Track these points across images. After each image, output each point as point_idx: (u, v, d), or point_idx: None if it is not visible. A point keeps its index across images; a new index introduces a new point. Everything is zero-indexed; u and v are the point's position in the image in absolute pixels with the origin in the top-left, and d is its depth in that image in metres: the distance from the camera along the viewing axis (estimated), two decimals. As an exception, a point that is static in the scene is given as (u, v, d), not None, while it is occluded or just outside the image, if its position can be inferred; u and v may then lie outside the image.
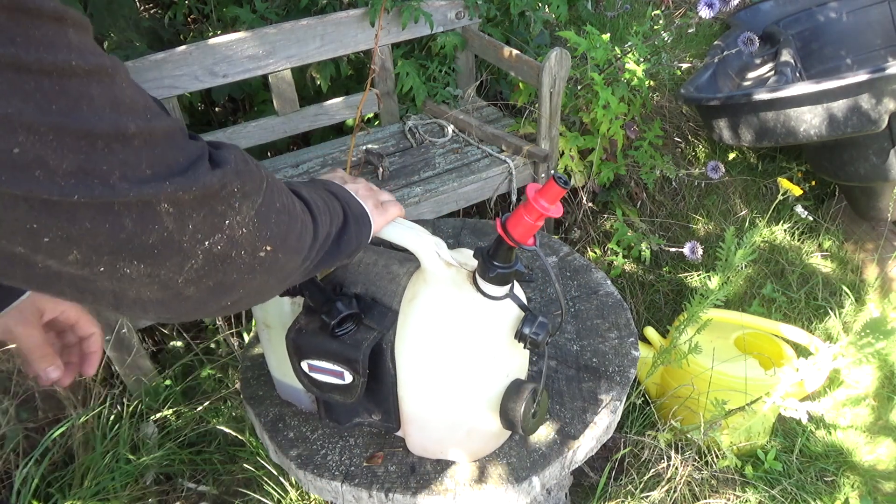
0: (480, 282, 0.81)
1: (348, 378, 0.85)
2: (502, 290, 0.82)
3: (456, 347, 0.84)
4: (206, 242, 0.49)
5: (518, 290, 0.89)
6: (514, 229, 0.75)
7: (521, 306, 0.85)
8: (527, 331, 0.81)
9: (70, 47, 0.40)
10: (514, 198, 2.12)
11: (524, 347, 0.83)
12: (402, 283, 0.88)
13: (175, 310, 0.52)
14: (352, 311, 0.84)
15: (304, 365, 0.87)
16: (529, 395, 0.87)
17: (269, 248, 0.55)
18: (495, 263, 0.79)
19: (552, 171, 0.74)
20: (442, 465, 0.95)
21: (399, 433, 0.98)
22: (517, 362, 0.91)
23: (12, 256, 0.41)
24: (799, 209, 2.31)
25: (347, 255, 0.72)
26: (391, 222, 0.83)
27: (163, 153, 0.45)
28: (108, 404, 1.63)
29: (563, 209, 2.39)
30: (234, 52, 1.82)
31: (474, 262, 0.83)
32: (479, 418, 0.91)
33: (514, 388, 0.88)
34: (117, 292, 0.47)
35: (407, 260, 0.89)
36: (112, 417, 1.63)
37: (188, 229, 0.47)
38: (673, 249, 2.21)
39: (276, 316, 0.95)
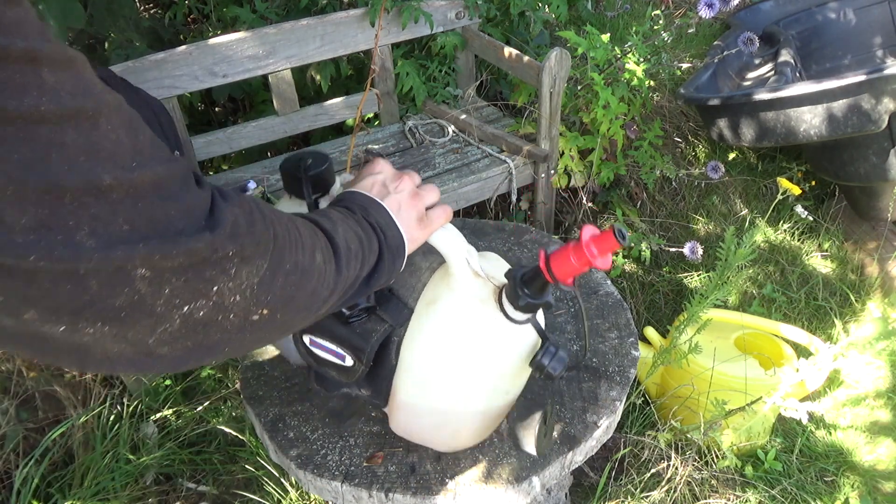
0: (506, 303, 0.79)
1: (349, 362, 0.84)
2: (525, 316, 0.80)
3: (465, 362, 0.83)
4: (186, 308, 0.43)
5: (539, 314, 0.87)
6: (557, 268, 0.72)
7: (541, 333, 0.83)
8: (545, 362, 0.79)
9: (43, 90, 0.36)
10: (513, 198, 2.12)
11: (538, 377, 0.81)
12: (422, 279, 0.86)
13: (146, 368, 0.46)
14: (369, 304, 0.82)
15: (306, 339, 0.86)
16: (540, 418, 0.87)
17: (266, 311, 0.49)
18: (526, 292, 0.76)
19: (613, 223, 0.71)
20: (442, 465, 0.95)
21: (385, 409, 0.98)
22: (520, 382, 0.91)
23: None
24: (799, 209, 2.31)
25: (373, 290, 0.67)
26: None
27: (148, 207, 0.40)
28: (108, 404, 1.63)
29: (564, 209, 2.39)
30: (234, 52, 1.82)
31: (501, 276, 0.81)
32: (467, 425, 0.91)
33: (525, 412, 0.88)
34: (81, 351, 0.42)
35: (430, 252, 0.86)
36: (112, 417, 1.63)
37: (164, 294, 0.42)
38: (673, 249, 2.21)
39: None
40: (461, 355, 0.83)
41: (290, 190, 0.88)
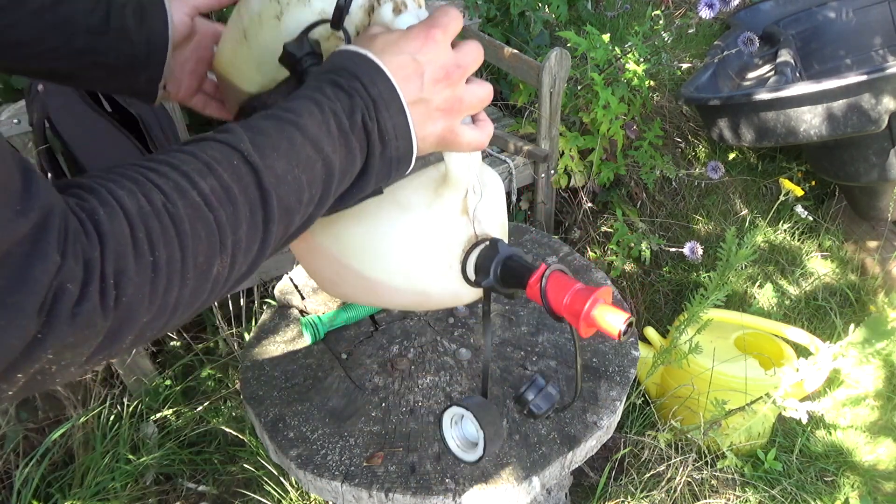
0: (471, 262, 0.69)
1: None
2: (478, 280, 0.70)
3: (389, 248, 0.69)
4: None
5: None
6: (552, 292, 0.63)
7: (486, 306, 0.73)
8: (530, 397, 0.72)
9: None
10: (514, 198, 2.12)
11: (520, 412, 0.72)
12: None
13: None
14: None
15: None
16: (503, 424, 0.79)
17: (105, 361, 0.41)
18: (498, 277, 0.67)
19: (629, 321, 0.61)
20: (442, 465, 0.95)
21: None
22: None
23: None
24: (799, 209, 2.31)
25: (346, 206, 0.55)
26: None
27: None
28: (108, 404, 1.63)
29: (564, 209, 2.39)
30: (234, 52, 1.82)
31: (491, 225, 0.70)
32: (355, 286, 0.76)
33: (490, 414, 0.80)
34: None
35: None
36: (112, 417, 1.63)
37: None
38: (673, 249, 2.21)
39: (244, 68, 0.67)
40: (394, 244, 0.70)
41: None
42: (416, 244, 0.68)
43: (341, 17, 0.55)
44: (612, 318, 0.61)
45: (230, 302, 1.82)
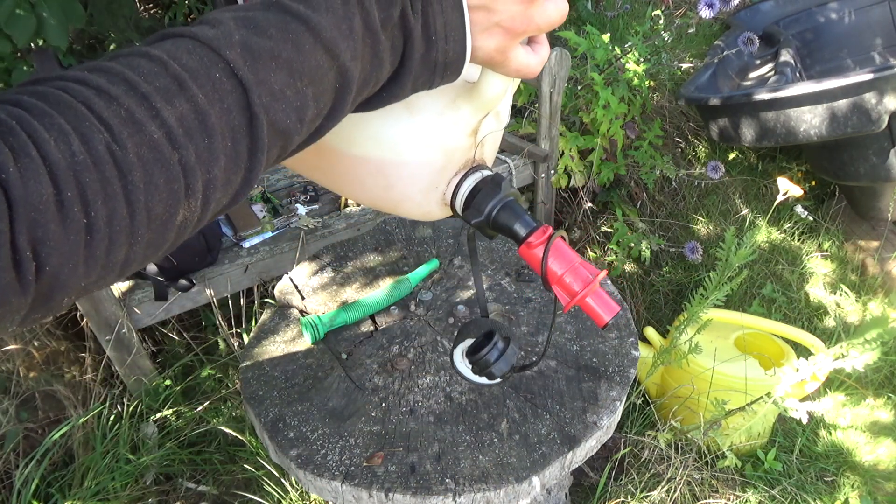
0: (462, 191, 0.63)
1: None
2: (468, 214, 0.64)
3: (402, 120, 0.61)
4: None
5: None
6: (552, 256, 0.59)
7: (471, 240, 0.68)
8: (490, 358, 0.68)
9: None
10: (514, 198, 2.12)
11: (476, 373, 0.70)
12: None
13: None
14: None
15: None
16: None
17: (43, 319, 0.36)
18: (492, 218, 0.61)
19: (623, 305, 0.57)
20: (442, 465, 0.95)
21: None
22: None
23: None
24: (799, 209, 2.31)
25: (369, 109, 0.46)
26: None
27: None
28: (108, 404, 1.64)
29: (564, 209, 2.39)
30: (234, 52, 1.82)
31: (487, 152, 0.64)
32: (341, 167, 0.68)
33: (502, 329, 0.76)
34: None
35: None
36: (112, 417, 1.63)
37: None
38: (673, 249, 2.21)
39: None
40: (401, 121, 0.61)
41: None
42: (411, 146, 0.61)
43: None
44: (603, 309, 0.58)
45: (230, 302, 1.82)
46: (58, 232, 0.31)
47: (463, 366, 0.81)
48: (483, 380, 0.78)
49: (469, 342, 0.79)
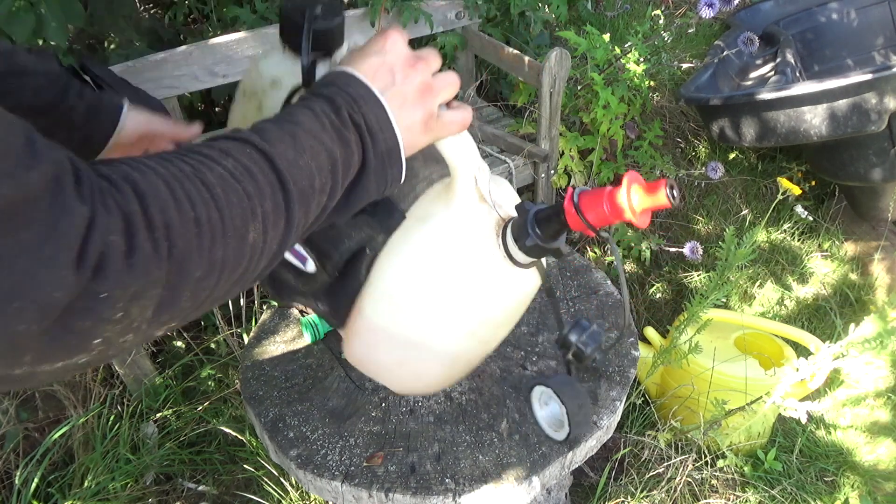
0: (510, 240, 0.67)
1: (311, 267, 0.73)
2: (528, 260, 0.68)
3: (448, 295, 0.71)
4: (59, 364, 0.36)
5: (544, 262, 0.73)
6: (587, 209, 0.61)
7: (545, 280, 0.72)
8: (573, 338, 0.70)
9: None
10: (514, 198, 2.12)
11: (565, 356, 0.72)
12: (417, 190, 0.73)
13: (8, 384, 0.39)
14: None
15: None
16: (585, 395, 0.79)
17: (171, 325, 0.42)
18: (537, 232, 0.64)
19: (668, 177, 0.60)
20: (442, 465, 0.95)
21: (341, 332, 0.86)
22: (502, 333, 0.80)
23: None
24: (799, 209, 2.31)
25: (354, 210, 0.56)
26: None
27: None
28: (108, 404, 1.63)
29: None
30: (235, 52, 1.82)
31: (510, 208, 0.69)
32: (433, 366, 0.80)
33: (578, 405, 0.80)
34: None
35: (433, 161, 0.72)
36: (112, 417, 1.63)
37: (22, 360, 0.34)
38: (673, 249, 2.21)
39: (257, 84, 0.74)
40: (446, 287, 0.71)
41: (286, 40, 0.69)
42: (451, 251, 0.68)
43: (310, 78, 0.64)
44: (653, 190, 0.58)
45: (230, 302, 1.82)
46: (177, 220, 0.39)
47: (540, 415, 0.83)
48: (558, 435, 0.83)
49: (539, 389, 0.81)
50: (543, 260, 0.74)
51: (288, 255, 0.73)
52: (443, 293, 0.71)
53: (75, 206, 0.35)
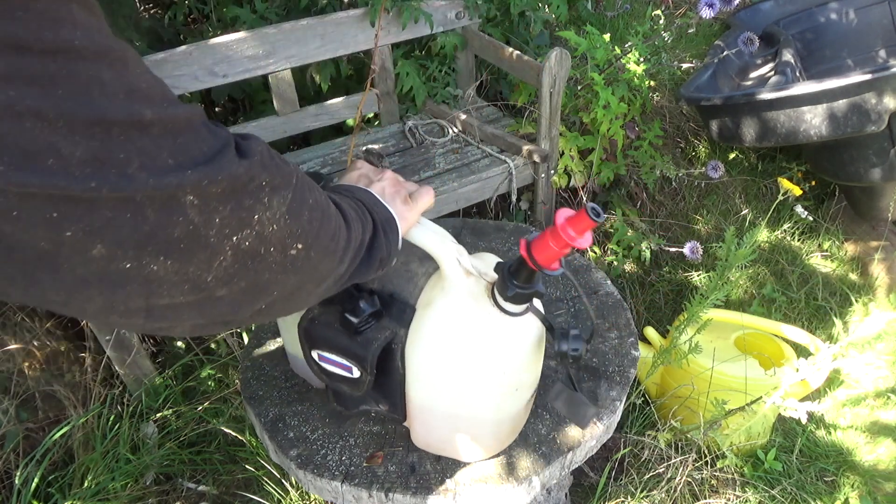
0: (498, 297, 0.79)
1: (356, 373, 0.85)
2: (521, 307, 0.80)
3: (468, 360, 0.83)
4: (235, 238, 0.46)
5: (537, 302, 0.86)
6: (539, 254, 0.72)
7: (543, 320, 0.83)
8: (565, 348, 0.78)
9: (76, 25, 0.37)
10: (514, 198, 2.12)
11: (568, 364, 0.80)
12: (419, 284, 0.87)
13: (209, 314, 0.49)
14: (375, 308, 0.83)
15: (315, 354, 0.87)
16: (581, 395, 0.85)
17: (300, 245, 0.52)
18: (514, 283, 0.76)
19: (586, 203, 0.70)
20: (442, 465, 0.95)
21: (405, 424, 0.99)
22: (530, 377, 0.90)
23: (37, 256, 0.39)
24: (799, 209, 2.31)
25: (380, 265, 0.68)
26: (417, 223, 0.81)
27: (185, 143, 0.42)
28: (108, 404, 1.63)
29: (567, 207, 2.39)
30: (234, 52, 1.82)
31: (494, 273, 0.81)
32: (484, 427, 0.91)
33: (567, 400, 0.85)
34: (148, 297, 0.44)
35: (427, 259, 0.87)
36: (112, 417, 1.63)
37: (215, 223, 0.44)
38: (673, 249, 2.21)
39: None
40: (462, 354, 0.82)
41: None
42: (455, 321, 0.82)
43: None
44: (580, 216, 0.67)
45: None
46: (344, 219, 0.61)
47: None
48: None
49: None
50: (539, 306, 0.87)
51: (337, 369, 0.86)
52: (462, 361, 0.83)
53: (221, 130, 0.47)
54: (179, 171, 0.41)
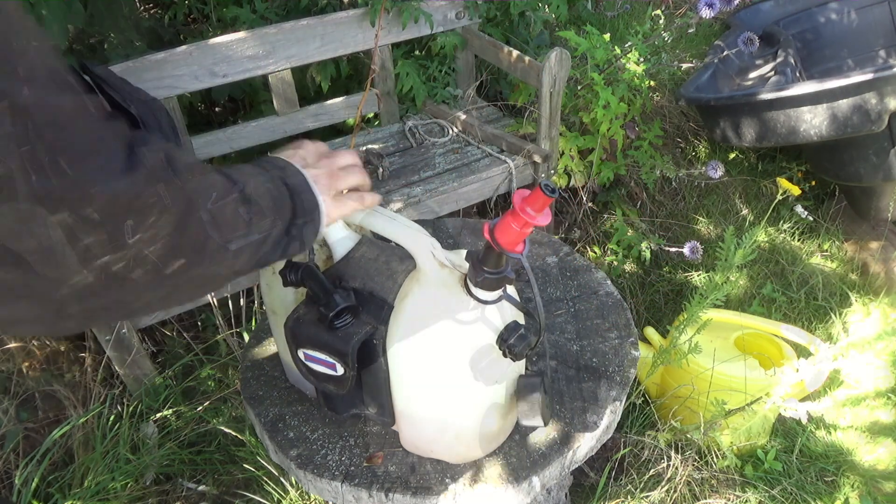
0: (471, 285, 0.80)
1: (340, 370, 0.85)
2: (493, 294, 0.81)
3: (441, 350, 0.83)
4: (103, 259, 0.40)
5: (512, 291, 0.87)
6: (501, 236, 0.73)
7: (518, 306, 0.84)
8: (505, 337, 0.81)
9: None
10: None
11: (504, 355, 0.82)
12: (398, 281, 0.87)
13: (53, 328, 0.44)
14: (349, 303, 0.84)
15: (301, 354, 0.88)
16: (541, 388, 0.87)
17: (182, 261, 0.47)
18: (484, 269, 0.77)
19: (540, 179, 0.71)
20: (442, 466, 0.95)
21: (395, 428, 0.98)
22: (509, 366, 0.90)
23: None
24: (799, 209, 2.31)
25: (291, 252, 0.66)
26: (386, 215, 0.80)
27: (67, 140, 0.36)
28: (108, 404, 1.63)
29: (564, 209, 2.39)
30: (235, 52, 1.82)
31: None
32: (467, 422, 0.91)
33: (526, 389, 0.88)
34: None
35: (407, 258, 0.88)
36: (112, 417, 1.63)
37: (80, 245, 0.38)
38: (673, 249, 2.21)
39: (279, 303, 0.96)
40: (438, 343, 0.83)
41: None
42: (430, 310, 0.82)
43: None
44: (535, 194, 0.69)
45: (230, 302, 1.82)
46: (248, 216, 0.56)
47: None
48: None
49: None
50: (514, 294, 0.88)
51: (322, 368, 0.87)
52: (437, 349, 0.83)
53: (111, 125, 0.43)
54: (46, 181, 0.36)
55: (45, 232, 0.36)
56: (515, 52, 1.98)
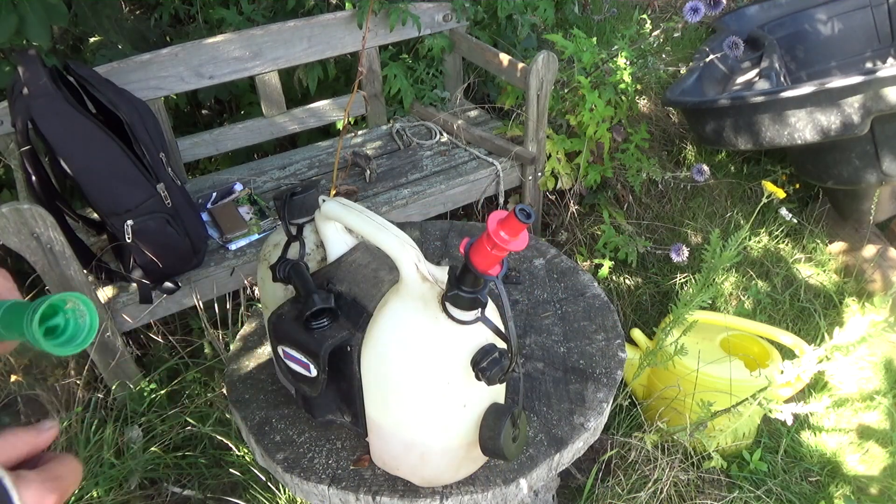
0: (448, 304, 0.77)
1: (313, 371, 0.85)
2: (469, 315, 0.78)
3: (410, 365, 0.81)
4: None
5: (493, 314, 0.83)
6: (475, 256, 0.71)
7: (495, 331, 0.80)
8: (478, 360, 0.78)
9: None
10: (501, 200, 2.12)
11: (477, 378, 0.78)
12: (382, 290, 0.86)
13: None
14: (327, 305, 0.83)
15: (280, 350, 0.87)
16: (508, 421, 0.83)
17: None
18: (460, 286, 0.74)
19: (517, 205, 0.70)
20: (429, 468, 0.95)
21: (367, 439, 0.96)
22: (479, 393, 0.85)
23: None
24: (783, 211, 2.33)
25: None
26: (377, 221, 0.79)
27: None
28: (91, 408, 1.62)
29: (551, 211, 2.40)
30: (221, 54, 1.81)
31: None
32: (433, 443, 0.87)
33: (492, 415, 0.85)
34: None
35: (395, 268, 0.85)
36: (96, 422, 1.61)
37: None
38: (659, 252, 2.22)
39: (270, 297, 0.97)
40: (407, 358, 0.80)
41: (280, 217, 0.95)
42: (404, 323, 0.80)
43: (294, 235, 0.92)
44: (510, 218, 0.67)
45: (216, 305, 1.81)
46: None
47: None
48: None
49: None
50: (494, 317, 0.84)
51: (297, 367, 0.86)
52: (405, 364, 0.81)
53: None
54: None
55: None
56: (503, 55, 1.98)
